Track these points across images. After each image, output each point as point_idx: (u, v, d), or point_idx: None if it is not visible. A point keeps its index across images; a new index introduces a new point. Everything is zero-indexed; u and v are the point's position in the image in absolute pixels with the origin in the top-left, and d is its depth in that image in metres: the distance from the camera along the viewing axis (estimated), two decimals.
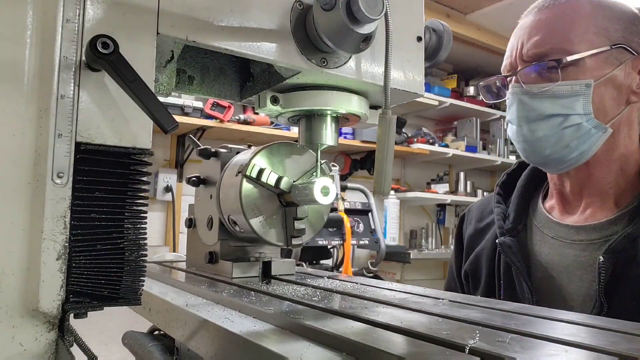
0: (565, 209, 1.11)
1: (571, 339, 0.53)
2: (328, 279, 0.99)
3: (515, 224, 1.12)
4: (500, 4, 3.87)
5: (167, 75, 0.76)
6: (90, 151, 0.53)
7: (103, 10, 0.55)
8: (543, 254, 1.08)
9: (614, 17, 1.01)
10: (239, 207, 0.90)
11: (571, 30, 0.99)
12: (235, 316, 0.68)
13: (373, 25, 0.65)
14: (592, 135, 0.99)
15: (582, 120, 0.99)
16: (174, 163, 3.45)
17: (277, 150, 0.94)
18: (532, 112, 1.02)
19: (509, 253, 1.07)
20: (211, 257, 1.03)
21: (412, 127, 4.67)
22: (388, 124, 0.70)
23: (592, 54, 0.98)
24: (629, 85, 1.00)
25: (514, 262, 1.06)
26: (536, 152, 1.05)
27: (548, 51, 1.00)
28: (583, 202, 1.08)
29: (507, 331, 0.56)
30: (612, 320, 0.64)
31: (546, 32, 1.01)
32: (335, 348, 0.53)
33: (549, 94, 1.00)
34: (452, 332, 0.54)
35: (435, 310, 0.67)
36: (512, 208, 1.16)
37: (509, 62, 1.08)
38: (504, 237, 1.10)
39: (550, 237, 1.09)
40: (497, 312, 0.68)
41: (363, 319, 0.62)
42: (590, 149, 1.01)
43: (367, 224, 3.10)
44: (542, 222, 1.12)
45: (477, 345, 0.48)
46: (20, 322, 0.51)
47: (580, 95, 0.98)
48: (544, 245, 1.09)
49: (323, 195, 0.83)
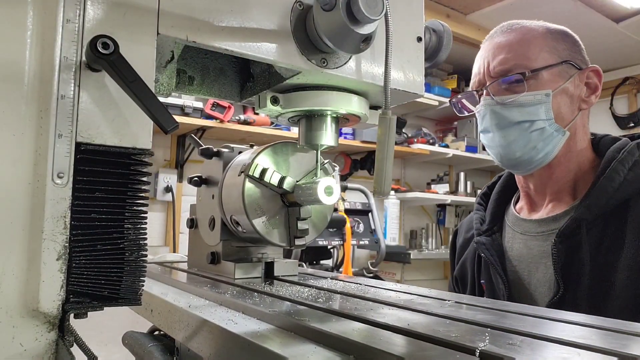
0: (532, 207, 1.27)
1: (569, 338, 0.53)
2: (331, 279, 0.99)
3: (491, 226, 1.29)
4: (500, 5, 3.87)
5: (167, 75, 0.76)
6: (90, 151, 0.53)
7: (103, 10, 0.55)
8: (514, 249, 1.23)
9: (560, 39, 1.20)
10: (242, 207, 0.89)
11: (528, 49, 1.17)
12: (239, 318, 0.67)
13: (373, 26, 0.65)
14: (554, 137, 1.16)
15: (546, 125, 1.15)
16: (174, 163, 3.45)
17: (280, 149, 0.93)
18: (503, 120, 1.17)
19: (482, 249, 1.23)
20: (213, 258, 1.03)
21: (412, 127, 4.67)
22: (388, 124, 0.70)
23: (548, 68, 1.15)
24: (579, 95, 1.18)
25: (487, 257, 1.21)
26: (509, 155, 1.19)
27: (512, 67, 1.16)
28: (546, 199, 1.23)
29: (518, 333, 0.56)
30: (611, 320, 0.64)
31: (508, 51, 1.18)
32: (342, 351, 0.52)
33: (516, 103, 1.15)
34: (461, 335, 0.54)
35: (442, 312, 0.66)
36: (487, 212, 1.32)
37: (477, 79, 1.24)
38: (480, 237, 1.27)
39: (519, 233, 1.24)
40: (505, 314, 0.67)
41: (370, 321, 0.61)
42: (554, 150, 1.17)
43: (367, 224, 3.10)
44: (512, 222, 1.28)
45: (487, 348, 0.48)
46: (21, 322, 0.51)
47: (542, 104, 1.14)
48: (514, 241, 1.24)
49: (327, 195, 0.83)
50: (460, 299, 0.78)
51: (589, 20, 3.84)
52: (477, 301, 0.77)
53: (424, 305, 0.71)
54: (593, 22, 3.90)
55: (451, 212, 5.03)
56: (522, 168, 1.21)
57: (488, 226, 1.28)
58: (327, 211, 0.99)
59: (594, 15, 3.88)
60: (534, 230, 1.20)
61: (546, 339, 0.54)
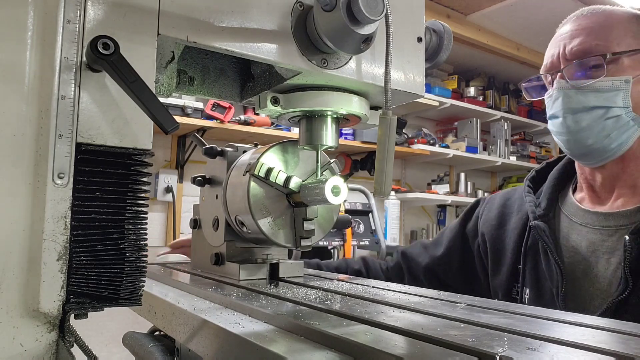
0: (596, 200, 1.19)
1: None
2: (337, 281, 0.97)
3: (547, 211, 1.20)
4: (500, 5, 3.87)
5: (167, 76, 0.76)
6: (90, 152, 0.53)
7: (104, 11, 0.55)
8: (571, 239, 1.15)
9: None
10: (247, 208, 0.88)
11: (610, 33, 1.09)
12: (246, 321, 0.66)
13: (373, 26, 0.65)
14: (630, 127, 1.09)
15: (622, 113, 1.08)
16: (174, 164, 3.45)
17: (286, 148, 0.92)
18: (576, 105, 1.10)
19: (542, 235, 1.15)
20: (217, 259, 1.01)
21: (413, 127, 4.67)
22: (388, 124, 0.69)
23: (631, 53, 1.08)
24: None
25: (546, 243, 1.13)
26: (580, 142, 1.12)
27: (591, 48, 1.09)
28: (614, 193, 1.16)
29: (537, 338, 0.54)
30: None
31: (587, 34, 1.10)
32: (354, 356, 0.51)
33: (592, 88, 1.09)
34: (477, 339, 0.52)
35: (455, 315, 0.65)
36: (543, 197, 1.24)
37: (551, 61, 1.16)
38: (537, 221, 1.17)
39: (579, 224, 1.16)
40: (520, 317, 0.66)
41: (383, 325, 0.59)
42: (628, 140, 1.10)
43: (367, 225, 3.11)
44: (571, 211, 1.20)
45: (507, 354, 0.46)
46: (21, 322, 0.51)
47: (620, 90, 1.07)
48: (572, 231, 1.17)
49: (334, 195, 0.81)
50: (472, 302, 0.76)
51: None
52: (489, 304, 0.76)
53: (435, 308, 0.70)
54: None
55: (451, 212, 5.02)
56: (593, 158, 1.14)
57: (544, 211, 1.20)
58: (333, 211, 0.97)
59: None
60: (598, 224, 1.13)
61: (566, 343, 0.53)
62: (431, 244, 1.47)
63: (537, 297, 1.15)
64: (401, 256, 1.48)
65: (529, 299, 1.17)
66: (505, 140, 4.95)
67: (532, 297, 1.16)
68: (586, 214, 1.16)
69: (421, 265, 1.42)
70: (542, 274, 1.14)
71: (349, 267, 1.47)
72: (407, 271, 1.46)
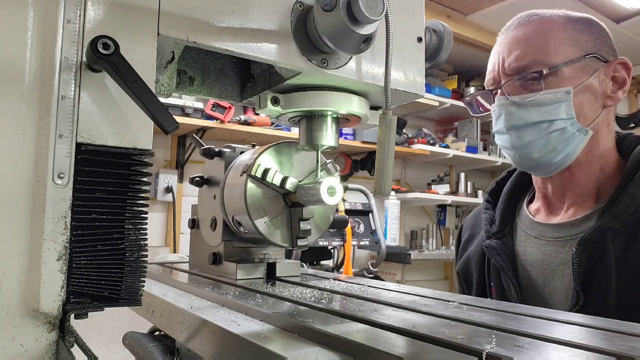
0: (550, 210, 1.18)
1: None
2: (333, 280, 0.98)
3: (501, 227, 1.20)
4: (500, 5, 3.87)
5: (167, 76, 0.76)
6: (91, 152, 0.53)
7: (104, 11, 0.55)
8: (527, 253, 1.14)
9: (584, 30, 1.10)
10: (244, 208, 0.89)
11: (547, 43, 1.07)
12: (242, 319, 0.67)
13: (373, 26, 0.65)
14: (575, 137, 1.07)
15: (567, 125, 1.06)
16: (174, 164, 3.46)
17: (283, 149, 0.93)
18: (519, 121, 1.09)
19: (493, 254, 1.15)
20: (215, 259, 1.02)
21: (413, 127, 4.67)
22: (388, 124, 0.69)
23: (569, 63, 1.06)
24: (604, 91, 1.09)
25: (498, 263, 1.13)
26: (525, 156, 1.11)
27: (529, 64, 1.07)
28: (566, 203, 1.14)
29: (525, 335, 0.55)
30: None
31: (525, 46, 1.08)
32: (347, 353, 0.51)
33: (533, 103, 1.07)
34: (467, 337, 0.53)
35: (446, 313, 0.66)
36: (498, 213, 1.23)
37: (492, 76, 1.15)
38: (490, 240, 1.18)
39: (534, 237, 1.15)
40: (511, 315, 0.66)
41: (375, 322, 0.60)
42: (575, 151, 1.08)
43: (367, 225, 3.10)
44: (526, 224, 1.19)
45: (494, 351, 0.47)
46: (21, 322, 0.51)
47: (562, 102, 1.06)
48: (528, 245, 1.15)
49: (330, 195, 0.82)
50: (465, 300, 0.77)
51: None
52: (481, 302, 0.76)
53: (428, 307, 0.70)
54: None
55: (451, 212, 5.03)
56: (541, 171, 1.14)
57: (498, 228, 1.19)
58: (329, 211, 0.98)
59: (594, 15, 3.87)
60: (550, 235, 1.12)
61: (554, 340, 0.53)
62: None
63: None
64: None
65: None
66: None
67: None
68: (539, 226, 1.15)
69: None
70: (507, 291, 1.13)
71: None
72: None
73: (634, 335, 0.56)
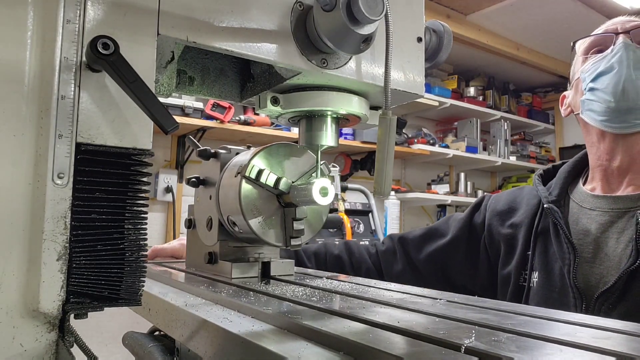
0: (607, 189, 1.22)
1: (567, 338, 0.53)
2: (327, 279, 0.99)
3: (558, 198, 1.24)
4: (500, 5, 3.88)
5: (167, 76, 0.76)
6: (90, 152, 0.53)
7: (103, 11, 0.55)
8: (580, 223, 1.20)
9: None
10: (238, 208, 0.90)
11: None
12: (234, 316, 0.68)
13: (373, 26, 0.65)
14: None
15: None
16: (174, 164, 3.46)
17: (276, 151, 0.94)
18: (638, 62, 1.14)
19: (555, 215, 1.18)
20: (210, 258, 1.03)
21: (413, 127, 4.67)
22: (388, 124, 0.70)
23: None
24: None
25: (558, 221, 1.17)
26: (629, 93, 1.13)
27: None
28: (627, 178, 1.18)
29: (504, 331, 0.57)
30: (610, 320, 0.64)
31: None
32: (334, 348, 0.53)
33: None
34: (448, 332, 0.55)
35: (432, 310, 0.67)
36: (554, 187, 1.27)
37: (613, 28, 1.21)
38: (550, 204, 1.21)
39: (588, 209, 1.20)
40: (494, 312, 0.68)
41: (361, 319, 0.62)
42: None
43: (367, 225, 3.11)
44: (581, 198, 1.24)
45: (473, 345, 0.49)
46: (21, 322, 0.51)
47: None
48: (582, 216, 1.21)
49: (322, 196, 0.83)
50: (452, 298, 0.78)
51: (589, 20, 3.83)
52: (467, 300, 0.78)
53: (416, 304, 0.72)
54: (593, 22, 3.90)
55: (451, 212, 5.01)
56: (632, 116, 1.15)
57: (556, 197, 1.24)
58: (322, 211, 0.99)
59: (594, 15, 3.88)
60: (607, 207, 1.17)
61: (534, 336, 0.55)
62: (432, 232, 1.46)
63: (546, 279, 1.17)
64: (398, 242, 1.47)
65: (537, 282, 1.19)
66: (505, 140, 4.96)
67: (540, 280, 1.19)
68: (596, 199, 1.20)
69: (423, 252, 1.42)
70: (552, 257, 1.17)
71: (328, 252, 1.46)
72: (404, 258, 1.44)
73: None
